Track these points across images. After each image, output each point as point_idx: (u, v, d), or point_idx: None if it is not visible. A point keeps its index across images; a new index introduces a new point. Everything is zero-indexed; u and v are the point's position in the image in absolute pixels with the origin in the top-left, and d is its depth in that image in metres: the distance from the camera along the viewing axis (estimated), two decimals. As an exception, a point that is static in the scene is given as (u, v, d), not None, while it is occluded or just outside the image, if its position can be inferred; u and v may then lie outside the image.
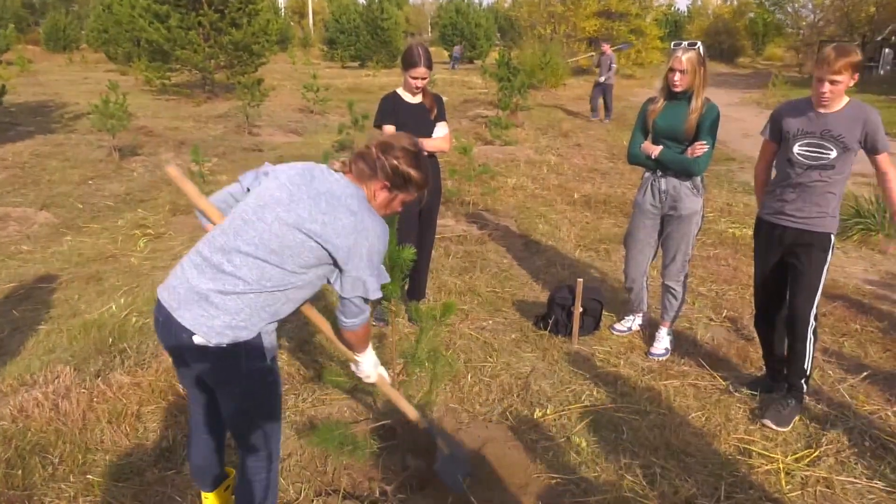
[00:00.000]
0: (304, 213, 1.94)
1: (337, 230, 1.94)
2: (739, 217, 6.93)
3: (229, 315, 1.91)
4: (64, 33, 36.04)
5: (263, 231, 1.94)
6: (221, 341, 1.91)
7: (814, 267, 3.12)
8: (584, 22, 28.38)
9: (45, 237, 6.09)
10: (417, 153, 2.11)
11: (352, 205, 1.97)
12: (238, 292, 1.92)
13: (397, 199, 2.14)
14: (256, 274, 1.92)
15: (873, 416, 3.31)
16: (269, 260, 1.93)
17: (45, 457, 2.85)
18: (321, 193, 1.97)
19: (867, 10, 29.41)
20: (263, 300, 1.94)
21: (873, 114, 2.96)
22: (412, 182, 2.11)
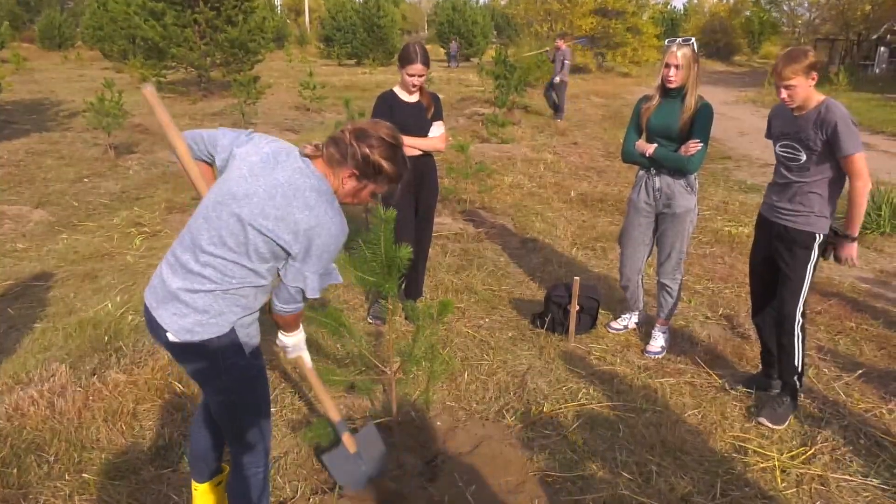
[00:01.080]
0: (257, 209, 1.89)
1: (289, 226, 1.89)
2: (735, 215, 6.95)
3: (198, 313, 1.91)
4: (59, 31, 35.90)
5: (221, 228, 1.91)
6: (193, 338, 1.91)
7: (798, 265, 3.14)
8: (580, 20, 28.39)
9: (41, 235, 6.07)
10: (394, 144, 2.00)
11: (310, 199, 1.91)
12: (205, 290, 1.91)
13: (366, 189, 2.05)
14: (220, 271, 1.92)
15: (868, 413, 3.32)
16: (229, 257, 1.91)
17: (40, 455, 2.84)
18: (279, 185, 1.90)
19: (863, 9, 29.47)
20: (231, 296, 1.94)
21: (836, 116, 2.91)
22: (383, 173, 2.00)
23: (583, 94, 20.01)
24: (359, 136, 1.97)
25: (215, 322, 1.93)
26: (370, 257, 2.38)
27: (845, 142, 2.89)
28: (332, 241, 1.94)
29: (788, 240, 3.16)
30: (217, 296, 1.92)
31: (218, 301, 1.92)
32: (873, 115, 15.02)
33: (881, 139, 12.61)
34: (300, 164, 1.96)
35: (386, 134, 2.00)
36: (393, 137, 2.01)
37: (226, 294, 1.93)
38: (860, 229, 3.10)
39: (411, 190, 4.06)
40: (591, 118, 14.98)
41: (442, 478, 2.79)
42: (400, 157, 2.03)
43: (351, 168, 1.97)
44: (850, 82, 20.95)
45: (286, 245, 1.90)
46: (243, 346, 2.01)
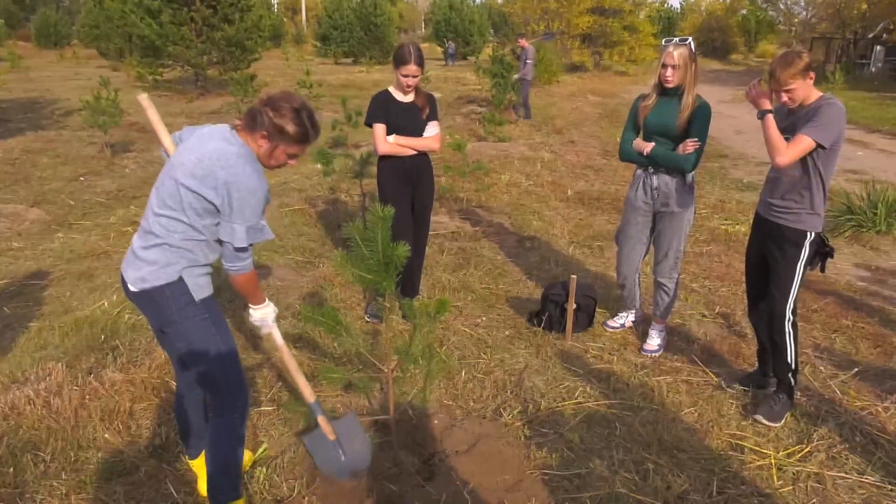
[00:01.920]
0: (188, 171, 2.21)
1: (211, 182, 2.19)
2: (732, 214, 6.95)
3: (149, 264, 2.25)
4: (55, 29, 35.83)
5: (163, 191, 2.26)
6: (145, 286, 2.24)
7: (787, 262, 3.15)
8: (577, 18, 28.40)
9: (37, 234, 6.06)
10: (297, 108, 2.26)
11: (230, 159, 2.20)
12: (154, 245, 2.25)
13: (278, 149, 2.30)
14: (165, 227, 2.24)
15: (864, 411, 3.33)
16: (170, 215, 2.24)
17: (36, 454, 2.83)
18: (206, 153, 2.22)
19: (859, 7, 29.52)
20: (176, 249, 2.25)
21: (832, 107, 2.92)
22: (287, 134, 2.26)
23: (580, 93, 20.02)
24: (267, 104, 2.27)
25: (164, 272, 2.24)
26: (368, 255, 2.38)
27: (814, 127, 2.88)
28: (249, 194, 2.20)
29: (780, 237, 3.18)
30: (164, 249, 2.25)
31: (165, 253, 2.25)
32: (869, 114, 15.06)
33: (877, 137, 12.64)
34: (227, 134, 2.30)
35: (290, 100, 2.28)
36: (298, 103, 2.28)
37: (171, 247, 2.25)
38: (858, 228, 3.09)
39: (408, 189, 4.06)
40: (587, 117, 14.99)
41: (439, 476, 2.79)
42: (301, 119, 2.27)
43: (261, 131, 2.27)
44: (846, 81, 21.00)
45: (211, 199, 2.20)
46: (192, 294, 2.29)
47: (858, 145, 11.54)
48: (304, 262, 5.28)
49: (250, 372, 3.55)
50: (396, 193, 4.01)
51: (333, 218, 6.44)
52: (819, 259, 3.22)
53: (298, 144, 2.31)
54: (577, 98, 18.62)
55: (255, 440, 3.02)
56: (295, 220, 6.35)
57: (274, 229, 5.91)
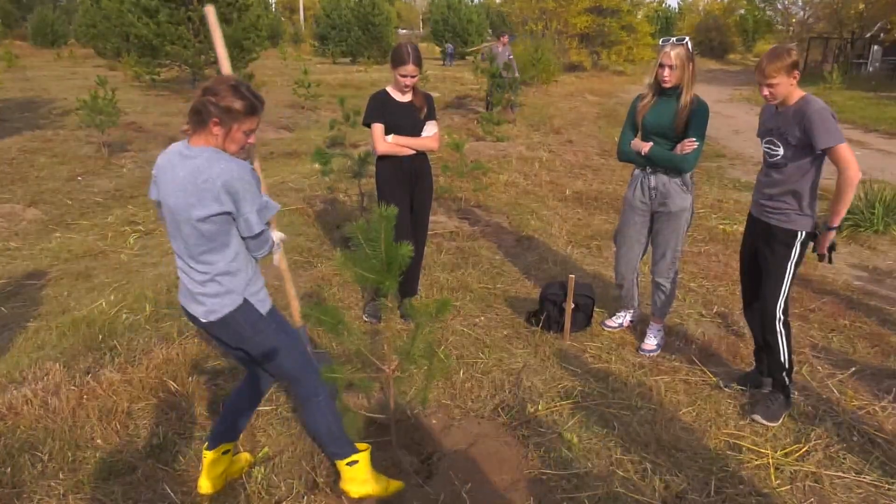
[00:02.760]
0: (186, 208, 2.23)
1: (208, 197, 2.21)
2: (730, 213, 6.97)
3: (210, 297, 2.34)
4: (52, 29, 35.74)
5: (185, 235, 2.29)
6: (215, 317, 2.35)
7: (777, 262, 3.16)
8: (575, 18, 28.40)
9: (34, 234, 6.05)
10: (235, 85, 2.29)
11: (202, 168, 2.21)
12: (207, 280, 2.33)
13: (233, 130, 2.30)
14: (207, 263, 2.31)
15: (861, 411, 3.34)
16: (205, 250, 2.29)
17: (34, 454, 2.83)
18: (181, 181, 2.24)
19: (856, 7, 29.55)
20: (227, 275, 2.33)
21: (812, 110, 2.92)
22: (235, 111, 2.27)
23: (578, 93, 20.03)
24: (205, 93, 2.28)
25: (229, 300, 2.34)
26: (370, 255, 2.38)
27: (823, 134, 2.90)
28: (242, 180, 2.24)
29: (770, 236, 3.18)
30: (218, 281, 2.33)
31: (222, 284, 2.33)
32: (867, 114, 15.08)
33: (874, 137, 12.66)
34: (184, 151, 2.29)
35: (224, 80, 2.31)
36: (233, 80, 2.31)
37: (224, 276, 2.33)
38: (855, 228, 3.11)
39: (406, 189, 4.05)
40: (585, 116, 15.00)
41: (437, 476, 2.80)
42: (243, 93, 2.29)
43: (212, 120, 2.26)
44: (843, 80, 21.04)
45: (220, 209, 2.22)
46: (259, 311, 2.42)
47: (856, 145, 11.55)
48: (303, 262, 5.27)
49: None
50: (395, 193, 4.00)
51: (332, 218, 6.44)
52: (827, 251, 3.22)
53: (249, 118, 2.32)
54: (575, 98, 18.63)
55: (254, 441, 3.02)
56: (293, 219, 6.35)
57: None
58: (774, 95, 3.01)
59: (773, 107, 3.15)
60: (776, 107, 3.13)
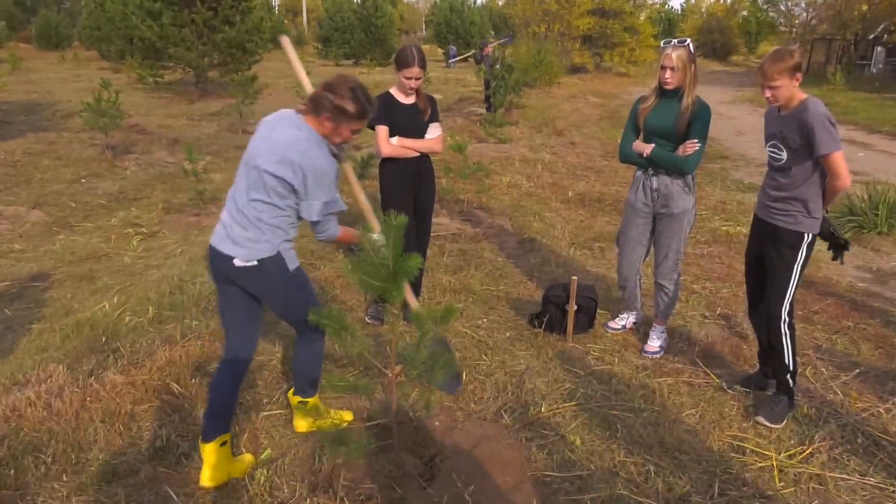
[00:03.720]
0: (266, 159, 2.56)
1: (288, 165, 2.53)
2: (733, 215, 6.95)
3: (250, 242, 2.61)
4: (56, 31, 35.80)
5: (250, 179, 2.61)
6: (249, 262, 2.62)
7: (784, 264, 3.16)
8: (577, 20, 28.41)
9: (38, 236, 6.07)
10: (354, 88, 2.58)
11: (301, 144, 2.55)
12: (250, 225, 2.61)
13: (342, 126, 2.62)
14: (257, 210, 2.60)
15: (866, 413, 3.33)
16: (260, 198, 2.59)
17: (37, 456, 2.83)
18: (278, 141, 2.57)
19: (859, 9, 29.53)
20: (269, 227, 2.62)
21: (812, 115, 2.91)
22: (347, 113, 2.57)
23: (580, 94, 20.03)
24: (325, 88, 2.60)
25: (265, 248, 2.62)
26: (378, 263, 2.37)
27: (821, 141, 2.91)
28: (322, 174, 2.57)
29: (776, 239, 3.18)
30: (260, 229, 2.61)
31: (262, 233, 2.62)
32: (870, 115, 15.05)
33: (878, 138, 12.63)
34: (295, 120, 2.63)
35: (346, 81, 2.60)
36: (353, 83, 2.60)
37: (266, 226, 2.61)
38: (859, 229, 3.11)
39: (410, 191, 4.05)
40: (588, 118, 14.99)
41: (440, 478, 2.79)
42: (357, 97, 2.58)
43: (325, 113, 2.58)
44: (846, 82, 21.02)
45: (290, 180, 2.54)
46: (288, 265, 2.69)
47: (859, 146, 11.53)
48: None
49: (252, 374, 3.55)
50: (399, 195, 4.01)
51: (334, 219, 6.43)
52: (836, 251, 3.22)
53: (359, 120, 2.62)
54: (577, 99, 18.62)
55: (256, 443, 3.02)
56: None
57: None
58: (776, 97, 3.01)
59: (777, 110, 3.14)
60: (779, 110, 3.12)
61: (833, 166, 2.95)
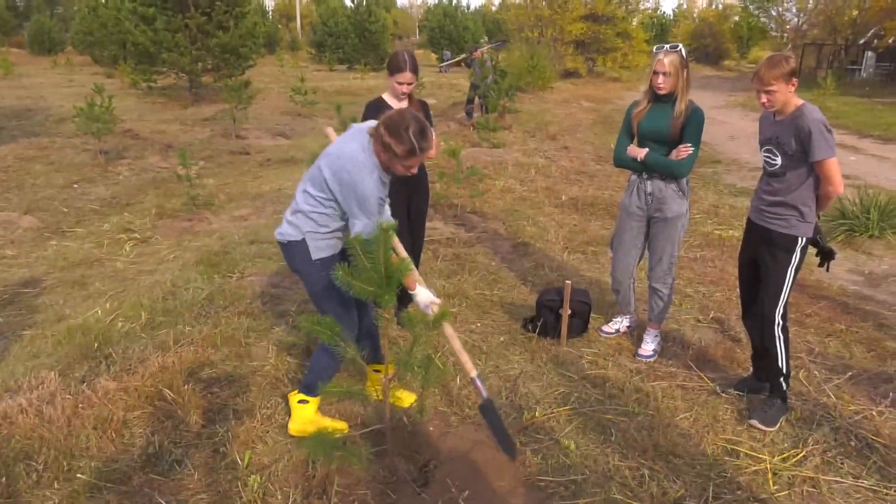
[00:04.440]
0: (326, 161, 2.82)
1: (338, 180, 2.75)
2: (726, 219, 6.98)
3: (287, 224, 2.94)
4: (49, 36, 35.72)
5: (312, 171, 2.89)
6: (281, 239, 2.96)
7: (778, 268, 3.17)
8: (570, 25, 28.51)
9: (30, 241, 6.04)
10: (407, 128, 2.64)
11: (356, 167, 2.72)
12: (294, 211, 2.93)
13: (392, 162, 2.75)
14: (303, 199, 2.89)
15: (859, 415, 3.34)
16: (308, 190, 2.87)
17: (29, 464, 2.81)
18: (343, 153, 2.79)
19: (850, 14, 29.79)
20: (305, 216, 2.88)
21: (809, 121, 2.94)
22: (392, 151, 2.68)
23: (573, 99, 20.10)
24: (384, 122, 2.70)
25: (294, 232, 2.91)
26: (369, 267, 2.37)
27: (817, 147, 2.93)
28: (364, 199, 2.73)
29: (771, 243, 3.20)
30: (299, 215, 2.90)
31: (299, 219, 2.90)
32: (861, 119, 15.16)
33: (869, 143, 12.72)
34: (364, 142, 2.79)
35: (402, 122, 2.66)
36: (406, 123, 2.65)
37: (303, 215, 2.89)
38: (850, 233, 3.13)
39: (404, 195, 4.05)
40: (581, 123, 15.04)
41: (435, 483, 2.79)
42: (407, 139, 2.64)
43: (378, 146, 2.74)
44: (837, 86, 21.12)
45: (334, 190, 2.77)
46: (311, 254, 2.91)
47: (850, 150, 11.61)
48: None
49: (244, 380, 3.54)
50: (393, 200, 3.99)
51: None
52: (822, 259, 3.25)
53: (409, 158, 2.71)
54: (570, 104, 18.68)
55: (251, 446, 3.00)
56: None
57: (268, 236, 5.89)
58: (772, 102, 3.02)
59: (772, 115, 3.16)
60: (774, 115, 3.14)
61: (827, 172, 2.98)
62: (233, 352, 3.81)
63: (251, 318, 4.25)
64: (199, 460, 2.91)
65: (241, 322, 4.18)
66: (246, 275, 5.04)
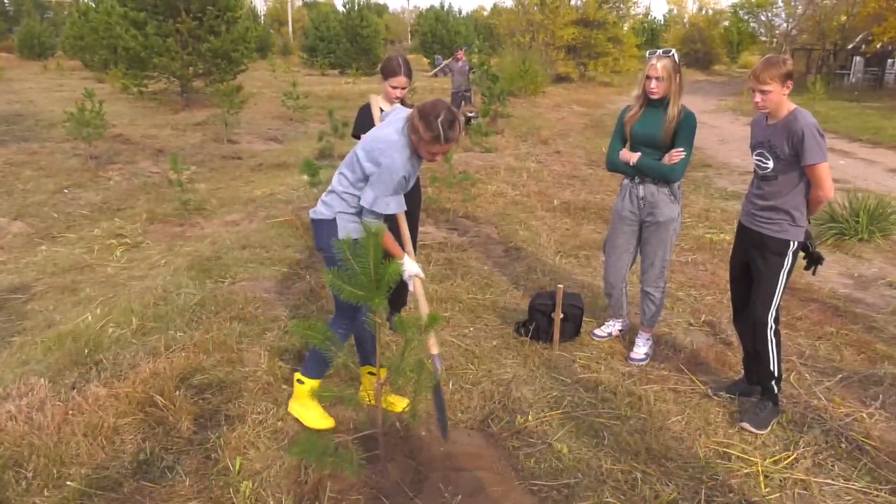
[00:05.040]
0: (363, 145, 2.96)
1: (372, 160, 2.88)
2: (716, 223, 7.02)
3: (322, 203, 3.08)
4: (39, 41, 35.56)
5: (350, 154, 3.03)
6: (314, 216, 3.09)
7: (770, 271, 3.19)
8: (561, 30, 28.64)
9: (19, 247, 6.00)
10: (437, 116, 2.76)
11: (389, 147, 2.86)
12: (329, 191, 3.07)
13: (421, 146, 2.86)
14: (338, 180, 3.03)
15: (849, 418, 3.36)
16: (343, 172, 3.01)
17: (18, 471, 2.79)
18: (379, 136, 2.95)
19: (838, 20, 30.04)
20: (338, 196, 3.01)
21: (802, 124, 2.96)
22: (419, 135, 2.80)
23: (565, 104, 20.17)
24: (417, 108, 2.84)
25: (327, 210, 3.04)
26: (359, 270, 2.36)
27: (809, 151, 2.95)
28: (387, 172, 2.84)
29: (762, 246, 3.21)
30: (333, 195, 3.04)
31: (333, 199, 3.03)
32: (850, 124, 15.28)
33: (858, 147, 12.82)
34: (400, 125, 2.91)
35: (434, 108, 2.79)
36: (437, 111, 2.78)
37: (336, 195, 3.02)
38: (840, 236, 3.16)
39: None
40: (573, 127, 15.09)
41: (427, 488, 2.78)
42: (434, 125, 2.76)
43: (410, 129, 2.85)
44: (826, 91, 21.31)
45: (368, 171, 2.88)
46: (340, 232, 2.98)
47: (840, 154, 11.69)
48: (291, 274, 5.25)
49: (236, 385, 3.52)
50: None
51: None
52: (812, 263, 3.27)
53: (432, 144, 2.81)
54: (562, 109, 18.75)
55: (242, 452, 2.99)
56: (281, 231, 6.33)
57: (260, 241, 5.87)
58: (766, 102, 3.04)
59: (764, 119, 3.17)
60: (766, 119, 3.16)
61: (818, 177, 3.00)
62: (224, 357, 3.79)
63: (243, 324, 4.24)
64: (190, 466, 2.90)
65: (233, 327, 4.16)
66: (238, 280, 5.02)
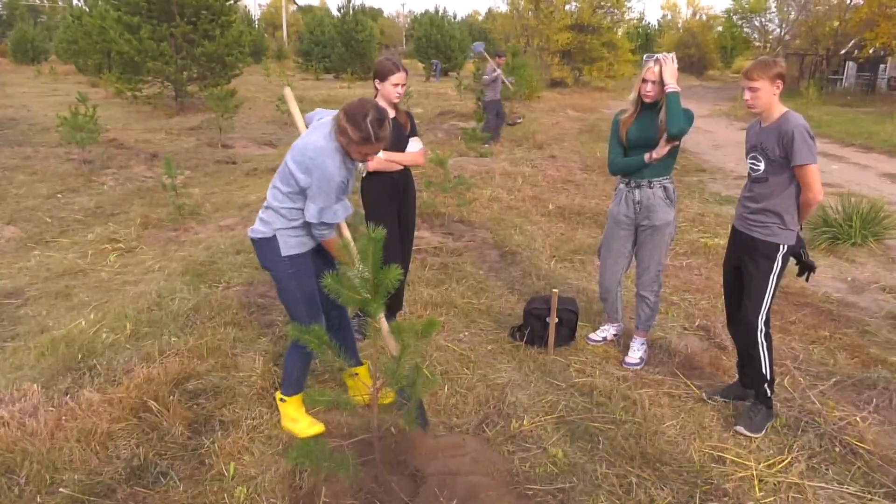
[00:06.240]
0: (293, 156, 2.86)
1: (303, 170, 2.81)
2: (711, 227, 7.04)
3: (259, 221, 2.99)
4: (32, 45, 35.45)
5: (281, 167, 2.93)
6: (253, 236, 3.01)
7: (760, 275, 3.21)
8: (556, 35, 28.75)
9: (12, 252, 5.97)
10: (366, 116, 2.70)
11: (318, 154, 2.78)
12: (265, 207, 2.99)
13: (351, 148, 2.81)
14: (272, 195, 2.94)
15: (843, 421, 3.37)
16: (277, 186, 2.92)
17: (11, 477, 2.77)
18: (307, 145, 2.83)
19: (831, 25, 30.27)
20: (275, 212, 2.93)
21: (793, 126, 2.98)
22: (349, 136, 2.74)
23: (560, 108, 20.23)
24: (344, 109, 2.77)
25: (265, 229, 2.96)
26: (358, 275, 2.36)
27: (798, 152, 2.98)
28: (324, 181, 2.78)
29: (753, 250, 3.23)
30: (269, 212, 2.95)
31: (270, 215, 2.95)
32: (843, 128, 15.37)
33: (850, 151, 12.89)
34: (325, 130, 2.85)
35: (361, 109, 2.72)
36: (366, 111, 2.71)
37: (273, 211, 2.94)
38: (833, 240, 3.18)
39: (394, 204, 4.06)
40: (568, 132, 15.13)
41: (423, 493, 2.77)
42: (360, 124, 2.70)
43: (338, 131, 2.79)
44: (819, 96, 21.44)
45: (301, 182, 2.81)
46: (280, 250, 2.95)
47: (833, 159, 11.76)
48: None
49: (231, 390, 3.51)
50: (385, 209, 4.01)
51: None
52: (804, 270, 3.29)
53: (364, 145, 2.76)
54: (557, 113, 18.80)
55: (236, 458, 2.98)
56: (276, 236, 6.31)
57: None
58: (755, 100, 3.07)
59: (758, 123, 3.21)
60: (760, 123, 3.18)
61: (807, 178, 3.02)
62: (219, 362, 3.78)
63: (237, 329, 4.23)
64: (184, 472, 2.89)
65: (228, 332, 4.15)
66: (232, 285, 5.01)
